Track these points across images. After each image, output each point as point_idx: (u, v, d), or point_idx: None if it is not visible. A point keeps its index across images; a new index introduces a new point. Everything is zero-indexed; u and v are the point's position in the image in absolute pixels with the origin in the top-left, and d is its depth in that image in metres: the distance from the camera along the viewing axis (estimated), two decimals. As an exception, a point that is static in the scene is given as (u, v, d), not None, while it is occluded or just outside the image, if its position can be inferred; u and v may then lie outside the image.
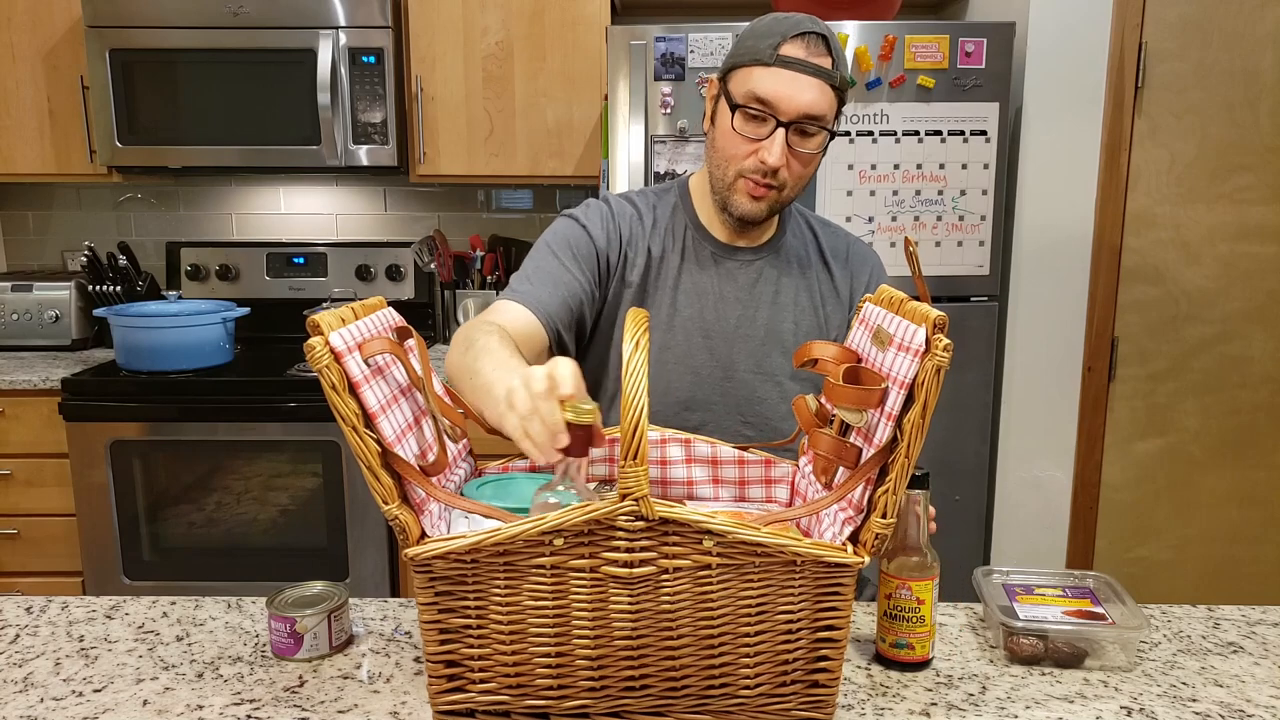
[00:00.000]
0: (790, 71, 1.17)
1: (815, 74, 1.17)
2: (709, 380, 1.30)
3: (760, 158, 1.20)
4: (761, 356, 1.31)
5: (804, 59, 1.17)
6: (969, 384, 2.34)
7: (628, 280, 1.31)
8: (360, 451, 0.80)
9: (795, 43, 1.17)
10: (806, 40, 1.17)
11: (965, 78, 2.22)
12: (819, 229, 1.39)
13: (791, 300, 1.33)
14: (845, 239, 1.39)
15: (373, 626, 1.09)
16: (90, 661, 1.01)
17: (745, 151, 1.21)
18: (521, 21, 2.54)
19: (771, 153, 1.19)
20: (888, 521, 0.83)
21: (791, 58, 1.16)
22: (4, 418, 2.40)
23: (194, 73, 2.50)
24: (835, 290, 1.35)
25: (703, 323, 1.30)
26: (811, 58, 1.17)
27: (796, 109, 1.17)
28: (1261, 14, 2.28)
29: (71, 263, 3.01)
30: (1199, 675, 0.99)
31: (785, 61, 1.16)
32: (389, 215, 2.99)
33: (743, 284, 1.32)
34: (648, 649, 0.84)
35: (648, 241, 1.32)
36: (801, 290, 1.34)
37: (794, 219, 1.38)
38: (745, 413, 1.30)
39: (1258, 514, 2.49)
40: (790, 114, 1.18)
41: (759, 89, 1.18)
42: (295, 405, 2.35)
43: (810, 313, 1.33)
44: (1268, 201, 2.36)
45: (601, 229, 1.30)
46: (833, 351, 0.97)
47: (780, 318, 1.32)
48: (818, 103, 1.18)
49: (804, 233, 1.38)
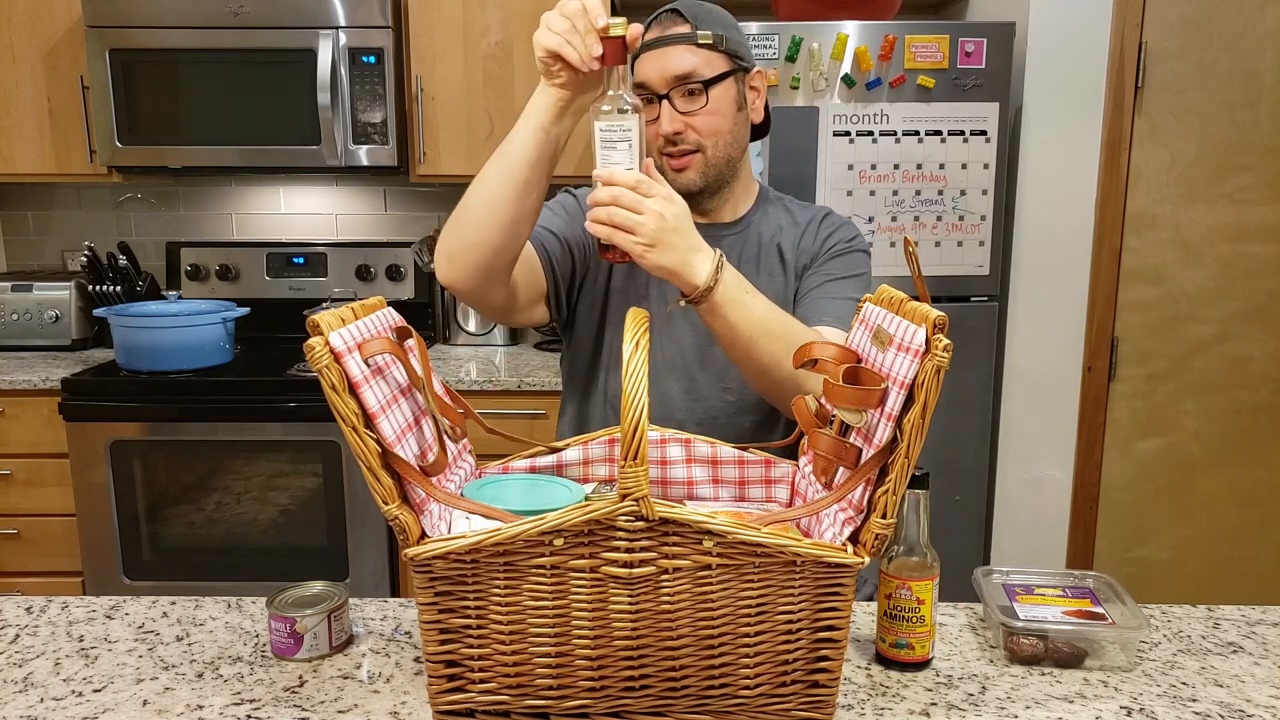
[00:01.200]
0: (653, 51, 1.26)
1: (670, 42, 1.25)
2: (690, 349, 1.33)
3: (658, 131, 1.27)
4: None
5: (659, 35, 1.26)
6: (969, 384, 2.34)
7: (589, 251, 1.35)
8: (360, 451, 0.80)
9: (652, 27, 1.28)
10: (660, 20, 1.28)
11: (965, 78, 2.22)
12: (795, 208, 1.42)
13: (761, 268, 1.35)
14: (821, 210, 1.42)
15: (373, 626, 1.09)
16: (90, 661, 1.01)
17: (652, 134, 1.28)
18: (521, 21, 2.54)
19: (662, 122, 1.26)
20: (888, 522, 0.83)
21: (650, 39, 1.27)
22: (4, 418, 2.40)
23: (194, 73, 2.50)
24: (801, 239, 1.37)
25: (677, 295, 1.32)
26: (665, 31, 1.26)
27: (664, 78, 1.25)
28: (1261, 14, 2.28)
29: (71, 263, 3.01)
30: (1199, 675, 0.99)
31: (647, 45, 1.27)
32: (389, 215, 2.99)
33: None
34: (648, 649, 0.84)
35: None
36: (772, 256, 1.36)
37: (770, 201, 1.41)
38: (724, 378, 1.32)
39: (1258, 514, 2.49)
40: (663, 84, 1.26)
41: (637, 77, 1.28)
42: (295, 405, 2.35)
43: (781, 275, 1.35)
44: (1268, 201, 2.36)
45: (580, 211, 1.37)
46: (833, 351, 0.97)
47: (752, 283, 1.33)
48: (681, 63, 1.25)
49: (778, 211, 1.41)
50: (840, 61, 2.21)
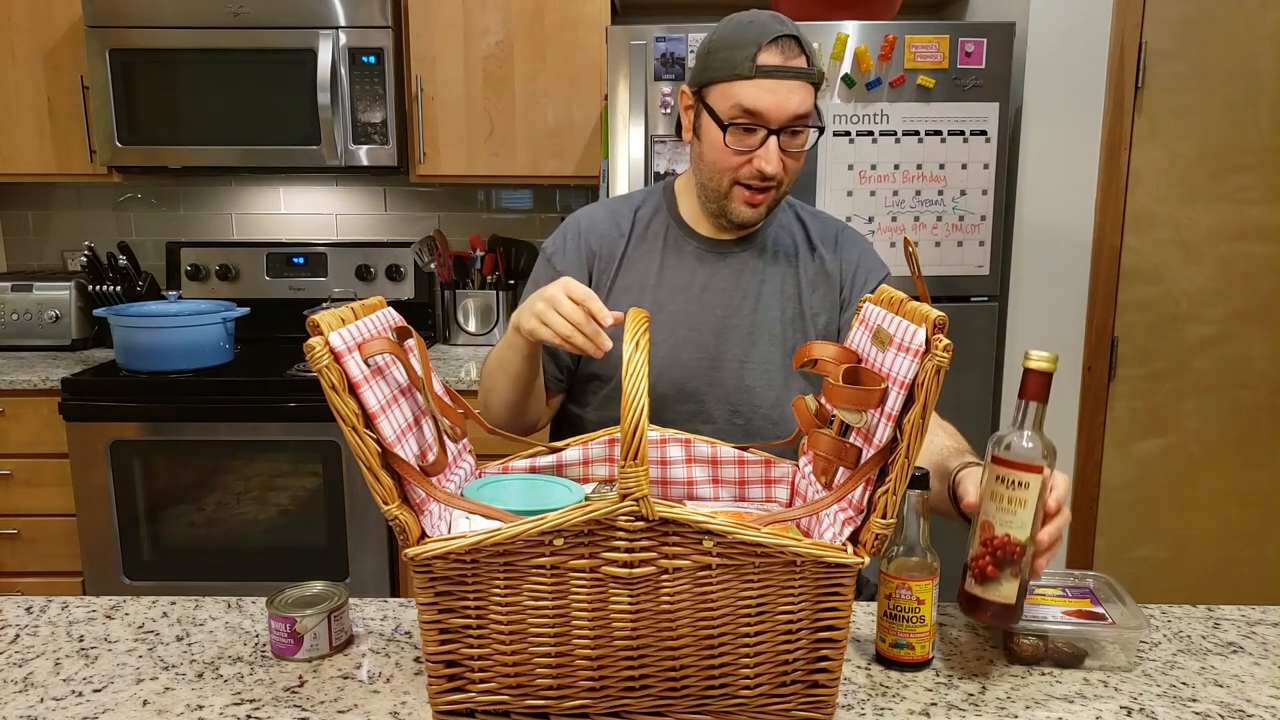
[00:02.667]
0: (772, 80, 1.18)
1: (796, 77, 1.18)
2: (698, 372, 1.31)
3: (756, 167, 1.21)
4: (748, 346, 1.32)
5: (783, 64, 1.18)
6: (969, 384, 2.34)
7: (602, 286, 1.34)
8: (360, 451, 0.80)
9: (770, 50, 1.18)
10: (781, 45, 1.18)
11: (965, 78, 2.22)
12: (808, 218, 1.40)
13: (777, 289, 1.34)
14: (835, 225, 1.41)
15: (373, 626, 1.09)
16: (90, 661, 1.01)
17: (738, 163, 1.23)
18: (521, 21, 2.54)
19: (769, 162, 1.21)
20: (888, 522, 0.83)
21: (771, 66, 1.18)
22: (4, 418, 2.40)
23: (194, 73, 2.50)
24: (825, 273, 1.36)
25: (688, 316, 1.32)
26: (789, 62, 1.18)
27: (784, 115, 1.19)
28: (1261, 14, 2.28)
29: (71, 263, 3.01)
30: (1199, 675, 0.99)
31: (766, 71, 1.18)
32: (389, 215, 2.99)
33: (727, 277, 1.34)
34: (648, 649, 0.84)
35: (624, 245, 1.35)
36: (788, 279, 1.35)
37: (782, 210, 1.39)
38: (734, 402, 1.31)
39: (1258, 514, 2.49)
40: (780, 121, 1.19)
41: (745, 102, 1.19)
42: (295, 405, 2.35)
43: (795, 300, 1.34)
44: (1268, 201, 2.36)
45: (575, 255, 1.35)
46: (832, 352, 0.97)
47: (766, 306, 1.33)
48: (804, 103, 1.19)
49: (791, 223, 1.39)
50: (840, 61, 2.21)
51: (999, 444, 0.93)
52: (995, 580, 0.92)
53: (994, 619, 0.94)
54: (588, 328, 1.07)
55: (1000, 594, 0.92)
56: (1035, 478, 0.91)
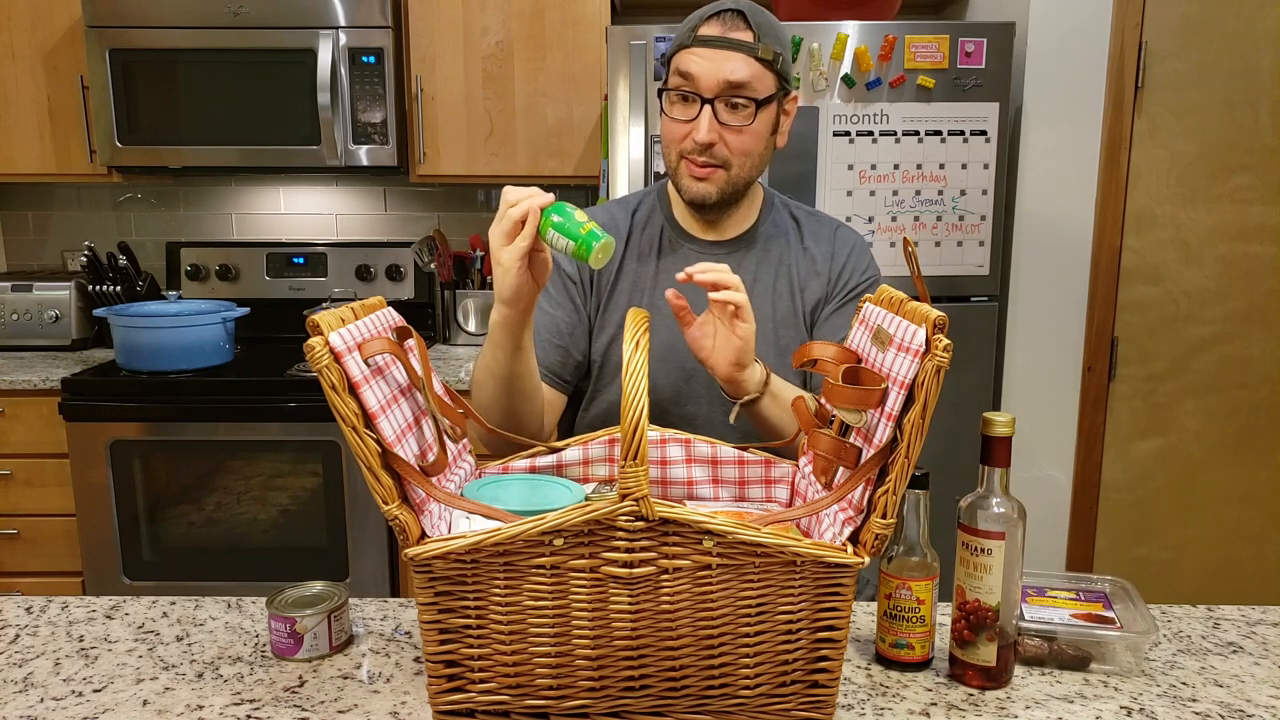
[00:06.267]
0: (708, 48, 1.21)
1: (732, 47, 1.20)
2: (696, 373, 1.31)
3: (692, 136, 1.23)
4: None
5: (719, 35, 1.21)
6: (969, 384, 2.34)
7: (601, 289, 1.34)
8: (360, 451, 0.80)
9: (712, 22, 1.22)
10: (723, 18, 1.22)
11: (965, 78, 2.22)
12: (802, 217, 1.40)
13: (770, 287, 1.34)
14: (830, 224, 1.40)
15: (373, 626, 1.09)
16: (90, 661, 1.01)
17: (681, 133, 1.25)
18: (521, 21, 2.54)
19: (700, 129, 1.22)
20: (888, 522, 0.83)
21: (708, 35, 1.21)
22: (4, 418, 2.40)
23: (194, 73, 2.50)
24: (815, 270, 1.36)
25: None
26: (728, 33, 1.21)
27: (716, 82, 1.20)
28: (1261, 14, 2.28)
29: (71, 263, 3.01)
30: (1199, 675, 0.99)
31: (703, 40, 1.21)
32: (389, 215, 2.99)
33: None
34: (648, 649, 0.84)
35: (622, 248, 1.36)
36: (780, 278, 1.35)
37: (776, 209, 1.39)
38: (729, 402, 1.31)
39: (1258, 514, 2.49)
40: (712, 88, 1.21)
41: (681, 67, 1.22)
42: (295, 405, 2.35)
43: (787, 299, 1.34)
44: (1268, 201, 2.36)
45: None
46: (832, 352, 0.97)
47: (758, 305, 1.32)
48: (737, 71, 1.20)
49: (785, 222, 1.39)
50: (840, 61, 2.21)
51: (963, 512, 0.96)
52: (973, 644, 0.96)
53: (981, 682, 0.96)
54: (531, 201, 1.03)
55: (979, 657, 0.95)
56: (998, 544, 0.94)
